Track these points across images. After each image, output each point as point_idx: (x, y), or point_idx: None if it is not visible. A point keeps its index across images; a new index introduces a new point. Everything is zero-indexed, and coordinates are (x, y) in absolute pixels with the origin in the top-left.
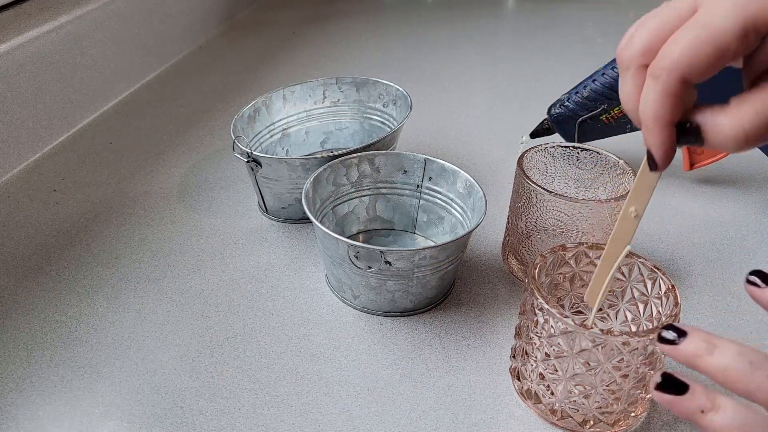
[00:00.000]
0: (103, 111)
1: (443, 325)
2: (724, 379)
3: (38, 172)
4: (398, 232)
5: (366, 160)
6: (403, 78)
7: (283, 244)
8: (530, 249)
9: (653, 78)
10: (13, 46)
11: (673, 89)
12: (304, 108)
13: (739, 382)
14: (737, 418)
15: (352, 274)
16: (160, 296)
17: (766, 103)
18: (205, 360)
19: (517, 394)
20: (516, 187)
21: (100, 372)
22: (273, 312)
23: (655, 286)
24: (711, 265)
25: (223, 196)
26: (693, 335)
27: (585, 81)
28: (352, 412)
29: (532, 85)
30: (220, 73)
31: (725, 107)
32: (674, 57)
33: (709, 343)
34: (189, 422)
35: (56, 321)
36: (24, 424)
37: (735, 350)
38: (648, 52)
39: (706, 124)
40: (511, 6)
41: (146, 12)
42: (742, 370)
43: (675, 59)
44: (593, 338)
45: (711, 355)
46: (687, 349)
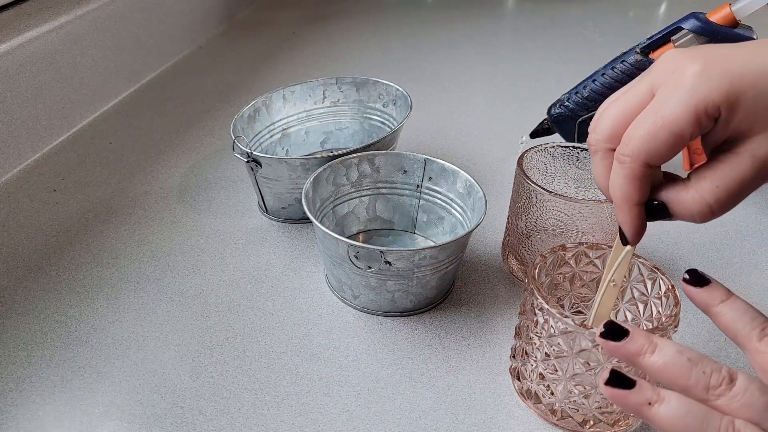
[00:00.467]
0: (103, 111)
1: (443, 325)
2: (664, 375)
3: (38, 172)
4: (398, 232)
5: (366, 160)
6: (403, 78)
7: (283, 244)
8: (530, 249)
9: (619, 163)
10: (13, 46)
11: (638, 173)
12: (304, 108)
13: (679, 377)
14: (681, 407)
15: (352, 274)
16: (160, 296)
17: (723, 177)
18: (205, 360)
19: (517, 394)
20: (516, 187)
21: (100, 372)
22: (273, 312)
23: (655, 286)
24: (711, 265)
25: (223, 196)
26: (635, 335)
27: (585, 81)
28: (352, 412)
29: (532, 85)
30: (220, 73)
31: (687, 184)
32: (635, 144)
33: (650, 342)
34: (189, 422)
35: (56, 321)
36: (24, 424)
37: (674, 348)
38: (612, 138)
39: (672, 202)
40: (511, 6)
41: (146, 12)
42: (680, 366)
43: (636, 147)
44: (593, 338)
45: (652, 353)
46: (629, 348)
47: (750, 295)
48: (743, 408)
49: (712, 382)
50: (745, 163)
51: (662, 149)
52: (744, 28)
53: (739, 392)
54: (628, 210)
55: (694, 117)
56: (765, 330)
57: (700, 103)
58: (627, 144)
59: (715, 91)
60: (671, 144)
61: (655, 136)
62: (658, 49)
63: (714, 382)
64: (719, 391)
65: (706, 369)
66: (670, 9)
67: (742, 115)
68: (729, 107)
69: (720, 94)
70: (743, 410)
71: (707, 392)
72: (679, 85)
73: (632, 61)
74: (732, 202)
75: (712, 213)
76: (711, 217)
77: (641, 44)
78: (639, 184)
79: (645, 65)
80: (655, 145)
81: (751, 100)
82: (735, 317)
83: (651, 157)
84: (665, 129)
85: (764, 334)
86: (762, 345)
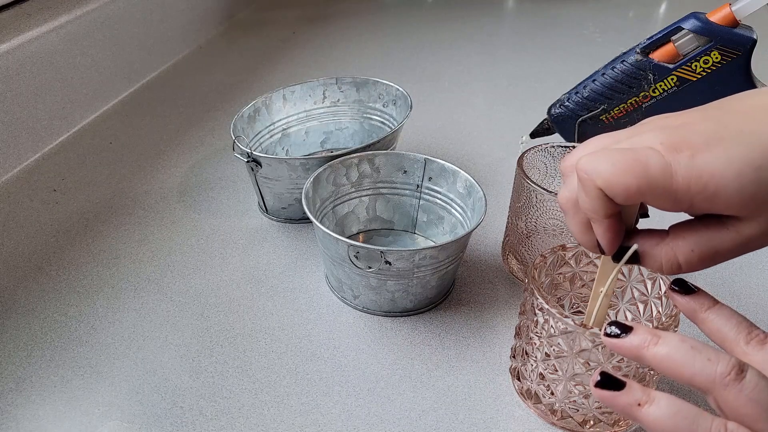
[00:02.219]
0: (103, 111)
1: (443, 325)
2: (668, 365)
3: (38, 172)
4: (398, 232)
5: (366, 160)
6: (403, 78)
7: (283, 244)
8: (530, 249)
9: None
10: (13, 46)
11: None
12: (304, 108)
13: (683, 366)
14: (671, 407)
15: (352, 274)
16: (160, 296)
17: (701, 244)
18: (205, 360)
19: (517, 394)
20: (516, 187)
21: (100, 372)
22: (273, 312)
23: (655, 286)
24: None
25: (223, 196)
26: (638, 329)
27: (585, 81)
28: (352, 412)
29: (532, 85)
30: (220, 73)
31: (664, 239)
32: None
33: (654, 335)
34: (189, 422)
35: (56, 321)
36: (24, 424)
37: (677, 338)
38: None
39: (645, 253)
40: (511, 6)
41: (146, 12)
42: (684, 354)
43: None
44: (593, 338)
45: (655, 345)
46: (632, 342)
47: (750, 295)
48: (750, 402)
49: (720, 369)
50: (728, 237)
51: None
52: (744, 28)
53: (749, 386)
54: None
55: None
56: (751, 334)
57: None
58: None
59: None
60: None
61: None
62: (658, 49)
63: (722, 369)
64: (728, 380)
65: (711, 357)
66: (670, 9)
67: (721, 206)
68: (705, 200)
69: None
70: (749, 405)
71: (714, 380)
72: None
73: (632, 61)
74: (701, 267)
75: (679, 270)
76: (678, 272)
77: (641, 44)
78: (601, 202)
79: (645, 65)
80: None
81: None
82: (721, 323)
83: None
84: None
85: (750, 338)
86: (749, 348)
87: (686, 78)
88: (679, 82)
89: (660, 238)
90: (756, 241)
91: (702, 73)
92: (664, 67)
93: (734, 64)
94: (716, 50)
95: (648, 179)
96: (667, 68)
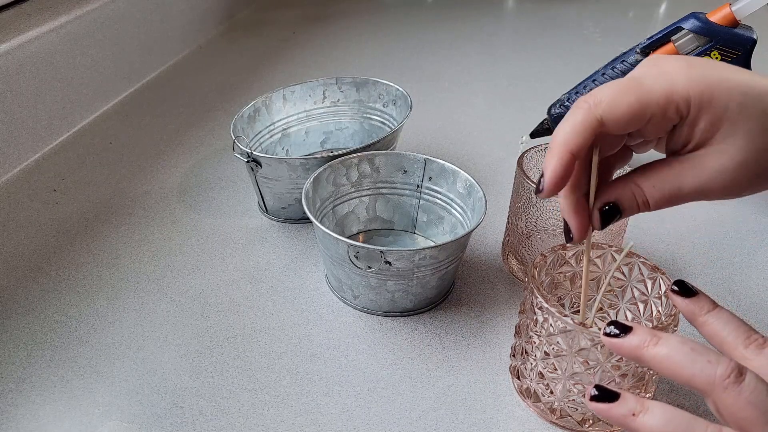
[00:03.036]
0: (103, 111)
1: (443, 325)
2: (668, 366)
3: (38, 172)
4: (398, 232)
5: (366, 160)
6: (403, 78)
7: (283, 244)
8: (530, 249)
9: (576, 108)
10: (13, 46)
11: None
12: (304, 108)
13: (683, 367)
14: (665, 415)
15: (352, 274)
16: (160, 296)
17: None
18: (205, 360)
19: (517, 393)
20: (516, 187)
21: (100, 372)
22: (273, 312)
23: (655, 286)
24: (711, 265)
25: (223, 196)
26: (637, 329)
27: (585, 81)
28: (352, 412)
29: (532, 85)
30: (220, 73)
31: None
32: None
33: (653, 335)
34: (189, 422)
35: (56, 321)
36: (24, 424)
37: (677, 339)
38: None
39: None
40: (511, 6)
41: (146, 12)
42: (684, 355)
43: (599, 97)
44: (592, 337)
45: (655, 345)
46: (631, 341)
47: (750, 295)
48: (748, 405)
49: (719, 371)
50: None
51: (623, 110)
52: (744, 28)
53: (748, 388)
54: (558, 153)
55: (664, 101)
56: (750, 338)
57: (675, 94)
58: (592, 93)
59: (692, 88)
60: (633, 111)
61: (623, 94)
62: (658, 49)
63: (721, 372)
64: (727, 383)
65: (711, 359)
66: (670, 9)
67: (707, 120)
68: (699, 107)
69: (695, 93)
70: (747, 407)
71: (713, 382)
72: (660, 73)
73: (632, 61)
74: (667, 205)
75: (646, 209)
76: (645, 210)
77: (641, 44)
78: (584, 133)
79: None
80: (618, 102)
81: (721, 108)
82: (720, 326)
83: (610, 112)
84: (635, 94)
85: (749, 342)
86: (747, 352)
87: None
88: None
89: (625, 182)
90: (714, 177)
91: None
92: None
93: (734, 64)
94: (716, 50)
95: (649, 94)
96: None
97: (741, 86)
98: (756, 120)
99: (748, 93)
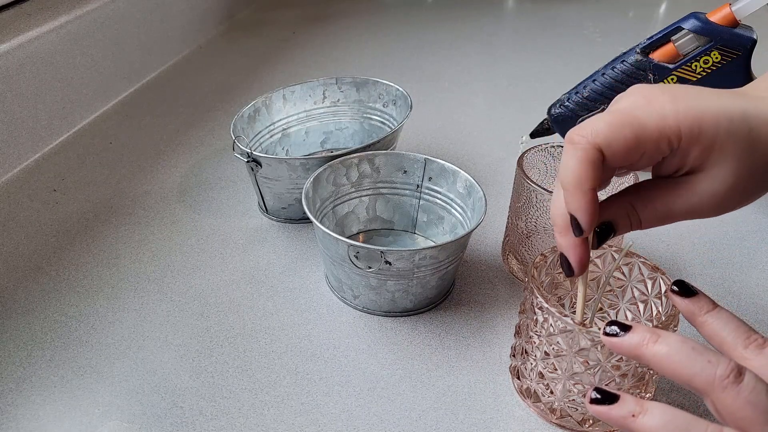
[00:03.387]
0: (103, 111)
1: (443, 325)
2: (668, 365)
3: (38, 172)
4: (398, 232)
5: (366, 160)
6: (403, 78)
7: (283, 244)
8: (530, 249)
9: (572, 144)
10: (13, 46)
11: (591, 156)
12: (304, 108)
13: (683, 366)
14: (664, 416)
15: (352, 274)
16: (160, 296)
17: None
18: (205, 360)
19: (517, 393)
20: (516, 187)
21: (100, 372)
22: (273, 312)
23: (655, 286)
24: (711, 265)
25: (223, 196)
26: (637, 328)
27: (585, 81)
28: (352, 412)
29: (532, 85)
30: (220, 73)
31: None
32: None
33: (653, 333)
34: (189, 422)
35: (56, 321)
36: (24, 424)
37: (677, 338)
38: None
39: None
40: (511, 6)
41: (146, 12)
42: (684, 355)
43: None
44: (592, 337)
45: (654, 342)
46: (631, 340)
47: (750, 295)
48: (747, 405)
49: (719, 371)
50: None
51: (620, 144)
52: (744, 28)
53: (747, 388)
54: (581, 195)
55: (657, 135)
56: (750, 338)
57: (667, 128)
58: (585, 127)
59: (682, 122)
60: (630, 145)
61: (619, 128)
62: (658, 49)
63: (721, 372)
64: (726, 383)
65: (711, 359)
66: (670, 9)
67: (698, 150)
68: (689, 140)
69: (685, 127)
70: (746, 407)
71: (713, 382)
72: (649, 106)
73: (632, 61)
74: (657, 225)
75: (639, 228)
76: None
77: (641, 44)
78: (592, 167)
79: (645, 65)
80: (616, 137)
81: (710, 137)
82: (720, 326)
83: (608, 147)
84: (631, 128)
85: (749, 342)
86: (747, 353)
87: (686, 78)
88: (679, 82)
89: (619, 202)
90: (706, 200)
91: (702, 73)
92: (664, 67)
93: (734, 64)
94: (716, 50)
95: (643, 128)
96: (667, 68)
97: (726, 112)
98: (743, 142)
99: (734, 118)
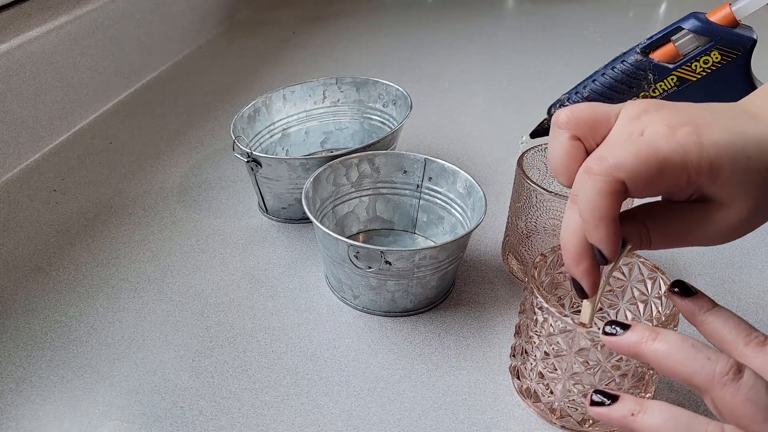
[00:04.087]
0: (103, 111)
1: (443, 325)
2: (667, 362)
3: (38, 172)
4: (398, 232)
5: (366, 160)
6: (403, 78)
7: (283, 244)
8: (530, 249)
9: (592, 174)
10: (13, 46)
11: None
12: (304, 108)
13: (682, 364)
14: (664, 414)
15: (352, 274)
16: (160, 296)
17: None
18: (205, 360)
19: (517, 393)
20: (516, 187)
21: (100, 372)
22: (273, 312)
23: (655, 286)
24: (711, 265)
25: (223, 196)
26: (636, 327)
27: (585, 81)
28: (352, 412)
29: (532, 85)
30: (220, 73)
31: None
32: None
33: (652, 331)
34: (189, 422)
35: (56, 321)
36: (24, 424)
37: (676, 336)
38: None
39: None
40: (511, 6)
41: (146, 12)
42: (684, 352)
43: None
44: (592, 337)
45: (653, 340)
46: (630, 338)
47: (750, 295)
48: (747, 402)
49: (719, 368)
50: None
51: (643, 180)
52: (744, 28)
53: (747, 385)
54: (605, 227)
55: (680, 170)
56: (749, 336)
57: (689, 164)
58: (608, 158)
59: (704, 158)
60: (653, 179)
61: (645, 162)
62: (658, 49)
63: (720, 369)
64: (726, 380)
65: (711, 356)
66: (670, 9)
67: (718, 185)
68: (709, 176)
69: (706, 164)
70: (746, 404)
71: (712, 379)
72: (674, 138)
73: (632, 61)
74: (668, 247)
75: (648, 248)
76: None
77: (641, 44)
78: (615, 200)
79: (645, 65)
80: (639, 170)
81: (730, 172)
82: (719, 325)
83: (631, 181)
84: (656, 163)
85: (749, 339)
86: (747, 350)
87: (686, 78)
88: (679, 82)
89: (632, 220)
90: (721, 230)
91: (702, 73)
92: (664, 67)
93: (734, 64)
94: (716, 50)
95: (667, 163)
96: (667, 68)
97: (745, 150)
98: (759, 179)
99: (752, 155)
